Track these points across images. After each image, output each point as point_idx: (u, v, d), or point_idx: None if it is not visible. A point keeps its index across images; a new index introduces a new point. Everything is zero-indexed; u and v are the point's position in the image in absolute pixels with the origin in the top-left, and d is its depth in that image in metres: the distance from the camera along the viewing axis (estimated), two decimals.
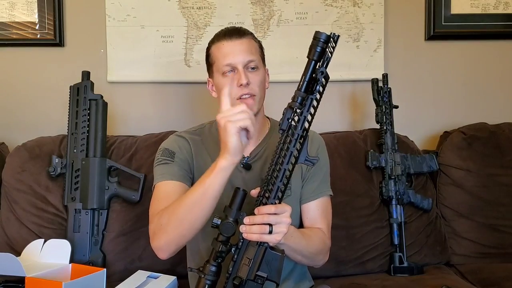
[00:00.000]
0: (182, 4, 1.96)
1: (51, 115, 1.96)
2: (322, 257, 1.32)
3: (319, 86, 1.06)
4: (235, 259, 1.07)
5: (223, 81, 1.26)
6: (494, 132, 1.86)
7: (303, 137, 1.07)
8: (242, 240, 1.07)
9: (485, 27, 2.04)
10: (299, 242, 1.19)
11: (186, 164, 1.31)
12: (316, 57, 1.05)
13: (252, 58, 1.27)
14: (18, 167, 1.68)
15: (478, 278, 1.61)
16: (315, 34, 1.05)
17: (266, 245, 1.06)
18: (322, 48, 1.04)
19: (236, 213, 1.06)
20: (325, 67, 1.05)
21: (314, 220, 1.33)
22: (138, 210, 1.64)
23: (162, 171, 1.29)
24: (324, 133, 1.77)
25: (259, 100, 1.28)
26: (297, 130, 1.06)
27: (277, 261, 1.06)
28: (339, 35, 1.04)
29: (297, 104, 1.06)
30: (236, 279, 1.05)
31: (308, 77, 1.06)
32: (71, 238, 1.60)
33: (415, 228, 1.74)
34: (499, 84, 2.08)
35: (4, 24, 1.94)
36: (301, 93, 1.06)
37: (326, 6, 1.99)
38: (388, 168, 1.74)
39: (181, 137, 1.35)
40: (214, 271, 1.07)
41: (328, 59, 1.05)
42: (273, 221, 1.04)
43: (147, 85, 2.00)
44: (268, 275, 1.05)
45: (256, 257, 1.06)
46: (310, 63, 1.06)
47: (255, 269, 1.05)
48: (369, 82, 1.84)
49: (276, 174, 1.07)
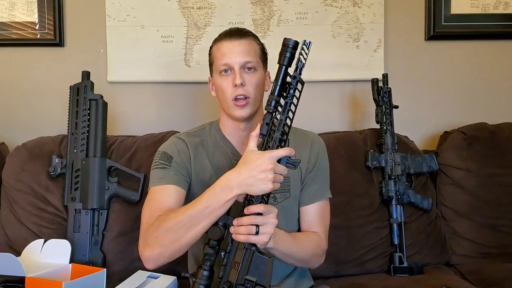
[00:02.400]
0: (182, 4, 1.96)
1: (51, 115, 1.96)
2: (316, 260, 1.33)
3: (292, 90, 1.10)
4: (224, 263, 1.09)
5: (220, 80, 1.28)
6: (494, 132, 1.86)
7: (283, 141, 1.10)
8: (231, 244, 1.09)
9: (485, 27, 2.04)
10: (289, 246, 1.21)
11: (184, 168, 1.30)
12: (286, 62, 1.10)
13: (249, 59, 1.26)
14: (18, 167, 1.68)
15: (478, 278, 1.61)
16: (283, 40, 1.12)
17: (254, 249, 1.08)
18: (291, 53, 1.10)
19: (224, 217, 1.09)
20: (299, 72, 1.10)
21: (311, 223, 1.34)
22: (138, 210, 1.62)
23: (158, 175, 1.29)
24: (324, 133, 1.77)
25: (254, 102, 1.28)
26: (276, 134, 1.09)
27: (265, 265, 1.07)
28: (310, 41, 1.10)
29: (271, 107, 1.10)
30: (226, 283, 1.07)
31: (280, 81, 1.10)
32: (71, 238, 1.59)
33: (415, 228, 1.74)
34: (499, 84, 2.08)
35: (4, 24, 1.94)
36: (274, 96, 1.10)
37: (326, 6, 1.99)
38: (388, 168, 1.74)
39: (180, 139, 1.35)
40: (207, 276, 1.09)
41: (302, 65, 1.10)
42: (260, 222, 1.06)
43: (147, 85, 2.00)
44: (257, 279, 1.07)
45: (244, 261, 1.07)
46: (280, 68, 1.11)
47: (244, 273, 1.07)
48: (369, 82, 1.84)
49: None
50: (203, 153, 1.33)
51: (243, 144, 1.31)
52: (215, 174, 1.28)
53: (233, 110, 1.27)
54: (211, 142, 1.35)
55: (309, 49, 1.09)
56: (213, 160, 1.33)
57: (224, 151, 1.34)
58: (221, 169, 1.29)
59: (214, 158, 1.33)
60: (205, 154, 1.33)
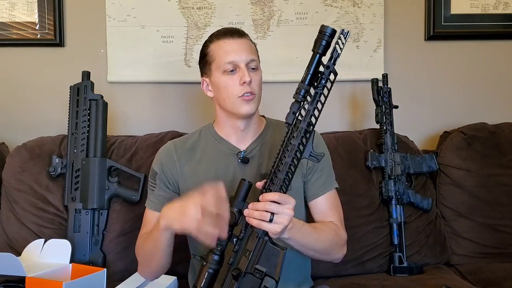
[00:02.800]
0: (182, 4, 1.96)
1: (51, 115, 1.96)
2: (338, 250, 1.29)
3: (324, 80, 1.06)
4: (235, 250, 1.07)
5: (225, 79, 1.26)
6: (493, 132, 1.86)
7: (309, 132, 1.07)
8: (244, 231, 1.07)
9: (485, 27, 2.04)
10: (308, 236, 1.18)
11: (168, 181, 1.33)
12: (320, 51, 1.05)
13: (254, 58, 1.27)
14: (18, 167, 1.68)
15: (478, 278, 1.61)
16: (320, 27, 1.06)
17: (267, 239, 1.06)
18: (327, 42, 1.05)
19: (240, 203, 1.07)
20: (333, 62, 1.06)
21: (325, 214, 1.32)
22: (138, 210, 1.63)
23: (149, 196, 1.36)
24: (324, 133, 1.77)
25: (258, 100, 1.28)
26: (302, 124, 1.07)
27: (277, 257, 1.05)
28: (348, 31, 1.05)
29: (300, 96, 1.06)
30: (235, 270, 1.05)
31: (312, 70, 1.06)
32: (71, 238, 1.60)
33: (415, 228, 1.74)
34: (499, 84, 2.08)
35: (4, 24, 1.95)
36: (304, 85, 1.06)
37: (326, 6, 1.99)
38: (388, 168, 1.74)
39: (168, 145, 1.38)
40: (217, 260, 1.07)
41: (337, 54, 1.06)
42: (275, 210, 1.04)
43: (147, 85, 2.00)
44: (267, 270, 1.04)
45: (256, 250, 1.05)
46: (314, 56, 1.06)
47: (255, 262, 1.05)
48: (369, 82, 1.85)
49: (280, 168, 1.07)
50: (195, 155, 1.34)
51: (241, 142, 1.33)
52: (208, 173, 1.30)
53: (240, 106, 1.25)
54: (204, 142, 1.35)
55: (346, 39, 1.05)
56: (206, 161, 1.32)
57: (218, 149, 1.33)
58: (214, 168, 1.31)
59: (207, 158, 1.33)
60: (197, 156, 1.33)
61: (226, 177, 1.27)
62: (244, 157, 1.29)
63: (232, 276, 1.05)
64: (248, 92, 1.24)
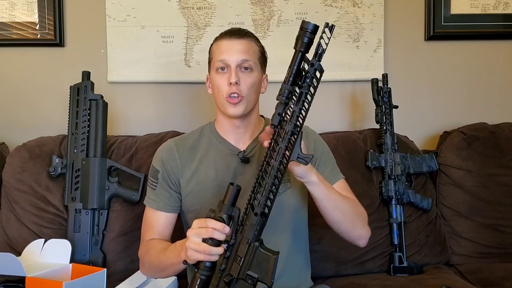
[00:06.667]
0: (182, 4, 1.96)
1: (51, 115, 1.96)
2: (362, 223, 1.29)
3: (309, 79, 1.00)
4: (227, 256, 1.05)
5: (216, 78, 1.28)
6: (494, 132, 1.86)
7: (295, 134, 1.03)
8: (235, 237, 1.04)
9: (485, 27, 2.04)
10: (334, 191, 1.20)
11: (170, 180, 1.33)
12: (303, 48, 1.00)
13: (246, 58, 1.26)
14: (18, 167, 1.68)
15: (478, 278, 1.62)
16: (301, 23, 1.00)
17: (257, 245, 1.04)
18: (309, 39, 0.99)
19: (229, 208, 1.04)
20: (318, 59, 1.00)
21: None
22: (138, 210, 1.63)
23: (149, 195, 1.36)
24: (324, 133, 1.77)
25: (247, 101, 1.26)
26: (288, 126, 1.02)
27: (268, 262, 1.04)
28: (333, 25, 0.99)
29: (284, 98, 1.01)
30: (227, 276, 1.04)
31: (295, 69, 1.01)
32: (71, 238, 1.60)
33: (414, 228, 1.74)
34: (499, 84, 2.09)
35: (4, 24, 1.94)
36: (287, 86, 1.01)
37: (326, 6, 1.99)
38: (388, 168, 1.74)
39: (169, 143, 1.37)
40: (209, 266, 1.05)
41: (322, 50, 1.00)
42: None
43: (147, 85, 2.00)
44: (259, 276, 1.03)
45: (247, 256, 1.04)
46: (296, 55, 1.01)
47: (246, 268, 1.04)
48: (369, 82, 1.85)
49: (268, 170, 1.03)
50: (196, 154, 1.34)
51: (240, 141, 1.33)
52: (209, 173, 1.31)
53: (227, 107, 1.27)
54: (206, 142, 1.35)
55: (331, 32, 0.98)
56: (207, 160, 1.33)
57: (219, 149, 1.33)
58: (215, 168, 1.31)
59: (208, 158, 1.33)
60: (198, 155, 1.33)
61: (227, 177, 1.28)
62: (244, 157, 1.29)
63: (224, 283, 1.04)
64: (234, 93, 1.24)
